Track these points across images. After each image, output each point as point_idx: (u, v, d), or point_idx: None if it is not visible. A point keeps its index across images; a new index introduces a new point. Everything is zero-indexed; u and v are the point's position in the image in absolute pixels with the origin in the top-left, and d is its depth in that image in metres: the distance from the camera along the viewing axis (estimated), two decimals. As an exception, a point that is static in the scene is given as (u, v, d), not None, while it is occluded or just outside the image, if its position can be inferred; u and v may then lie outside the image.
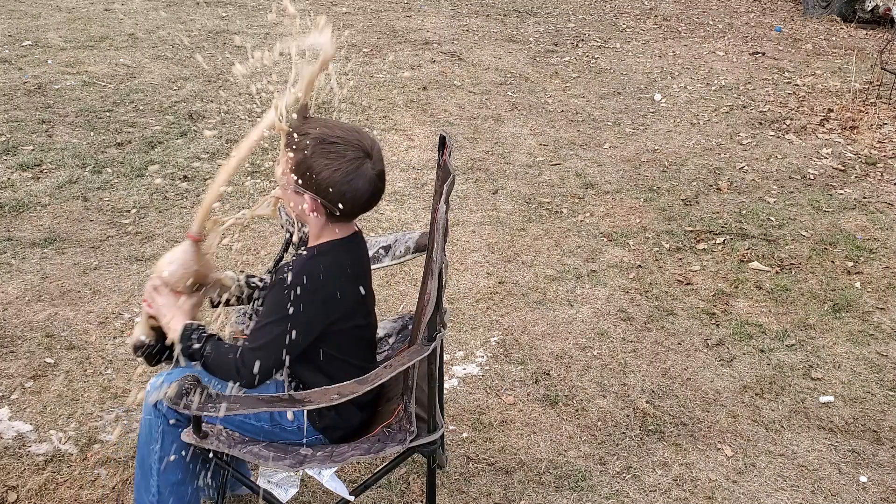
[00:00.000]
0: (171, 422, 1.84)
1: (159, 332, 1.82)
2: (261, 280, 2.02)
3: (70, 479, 2.33)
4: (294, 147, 1.69)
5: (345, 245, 1.79)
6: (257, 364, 1.67)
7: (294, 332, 1.68)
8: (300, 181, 1.69)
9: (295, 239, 2.06)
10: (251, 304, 2.04)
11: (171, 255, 1.79)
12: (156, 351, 1.83)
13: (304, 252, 1.81)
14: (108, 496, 2.28)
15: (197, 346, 1.72)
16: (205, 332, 1.75)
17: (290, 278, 1.68)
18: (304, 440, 1.88)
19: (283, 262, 1.99)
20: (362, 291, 1.81)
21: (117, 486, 2.32)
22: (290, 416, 1.87)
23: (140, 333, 1.85)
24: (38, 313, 3.13)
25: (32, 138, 4.79)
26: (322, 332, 1.76)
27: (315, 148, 1.67)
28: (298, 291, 1.66)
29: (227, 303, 1.99)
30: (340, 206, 1.70)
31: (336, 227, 1.78)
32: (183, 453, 1.87)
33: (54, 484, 2.32)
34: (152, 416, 1.86)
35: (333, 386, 1.70)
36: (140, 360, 1.89)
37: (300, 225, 1.95)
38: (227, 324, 2.12)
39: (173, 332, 1.75)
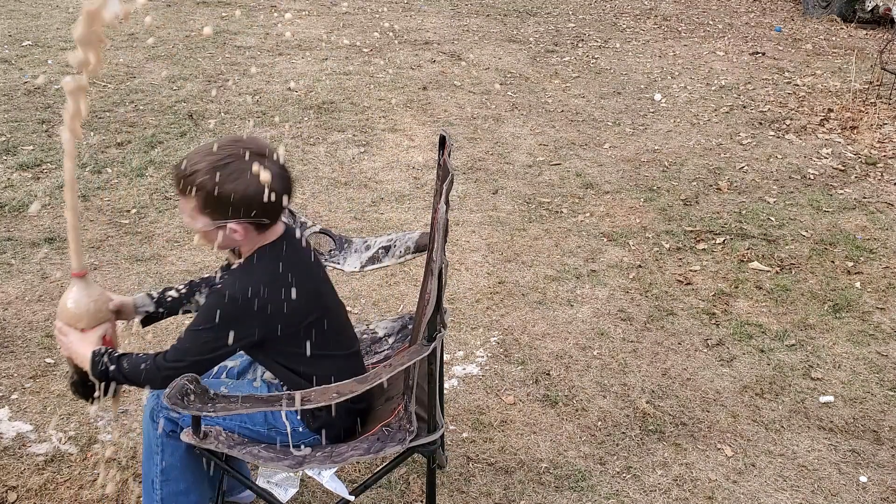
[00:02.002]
0: (169, 433, 1.86)
1: (83, 371, 1.83)
2: (177, 291, 1.99)
3: (70, 479, 2.33)
4: (190, 190, 1.63)
5: (277, 250, 1.75)
6: (172, 367, 1.68)
7: (222, 340, 1.67)
8: (215, 216, 1.65)
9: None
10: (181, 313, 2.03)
11: (64, 298, 1.81)
12: (88, 388, 1.84)
13: (238, 264, 1.78)
14: (107, 496, 2.28)
15: (112, 367, 1.73)
16: (114, 353, 1.76)
17: (223, 289, 1.68)
18: (301, 441, 1.88)
19: (219, 275, 1.97)
20: (306, 287, 1.75)
21: (117, 486, 2.32)
22: (284, 418, 1.86)
23: (70, 375, 1.89)
24: (38, 313, 3.13)
25: (32, 138, 4.79)
26: (274, 336, 1.73)
27: (212, 178, 1.60)
28: (230, 301, 1.65)
29: (160, 316, 1.99)
30: (266, 217, 1.67)
31: (264, 235, 1.74)
32: (184, 463, 1.89)
33: (54, 484, 2.32)
34: (151, 429, 1.89)
35: (332, 385, 1.70)
36: (81, 400, 1.92)
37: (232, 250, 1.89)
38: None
39: (85, 363, 1.76)
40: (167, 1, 8.72)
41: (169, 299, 1.99)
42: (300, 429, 1.87)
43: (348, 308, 3.26)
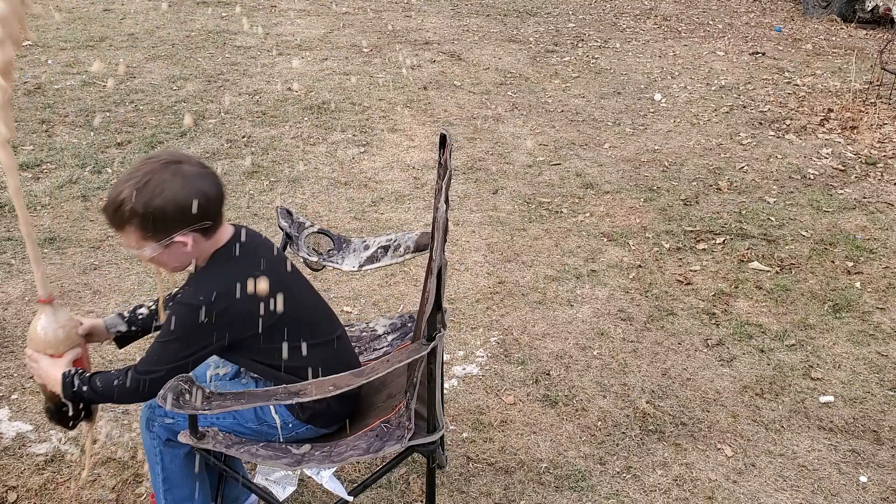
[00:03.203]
0: (166, 441, 1.87)
1: (57, 396, 1.84)
2: (147, 308, 1.98)
3: (70, 479, 2.33)
4: (123, 220, 1.61)
5: (230, 252, 1.73)
6: (144, 380, 1.68)
7: (190, 349, 1.67)
8: (159, 236, 1.63)
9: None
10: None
11: (33, 325, 1.80)
12: (63, 413, 1.84)
13: (194, 273, 1.77)
14: (108, 496, 2.28)
15: (84, 387, 1.73)
16: (85, 373, 1.75)
17: (182, 299, 1.68)
18: (293, 432, 1.88)
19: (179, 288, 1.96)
20: (264, 285, 1.72)
21: (117, 486, 2.32)
22: (273, 412, 1.86)
23: (44, 402, 1.89)
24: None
25: (32, 138, 4.79)
26: (244, 336, 1.72)
27: (141, 199, 1.58)
28: (191, 311, 1.65)
29: (134, 335, 1.99)
30: (206, 219, 1.65)
31: (214, 239, 1.72)
32: (184, 470, 1.89)
33: (54, 484, 2.32)
34: (148, 439, 1.89)
35: (329, 378, 1.70)
36: (58, 427, 1.92)
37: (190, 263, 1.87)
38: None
39: (56, 387, 1.75)
40: (167, 1, 8.72)
41: (140, 317, 1.97)
42: (290, 422, 1.87)
43: (348, 308, 3.27)
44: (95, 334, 1.92)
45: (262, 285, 1.64)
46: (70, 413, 1.80)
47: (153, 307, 1.99)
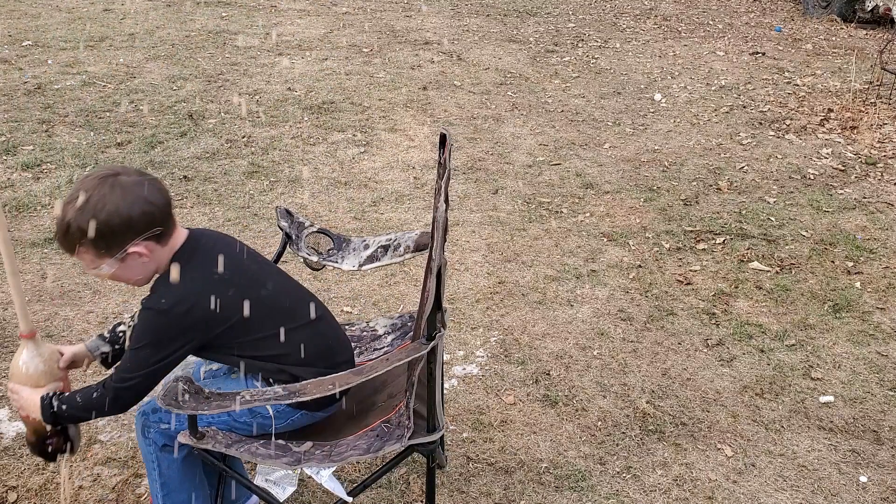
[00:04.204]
0: (163, 446, 1.87)
1: (42, 429, 1.85)
2: (126, 325, 1.98)
3: (70, 479, 2.33)
4: (74, 242, 1.62)
5: (187, 254, 1.73)
6: (121, 388, 1.68)
7: (162, 353, 1.67)
8: (112, 251, 1.64)
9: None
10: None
11: (15, 360, 1.83)
12: (45, 447, 1.86)
13: (155, 279, 1.76)
14: (108, 496, 2.28)
15: (63, 406, 1.74)
16: (63, 394, 1.77)
17: (146, 304, 1.68)
18: (287, 419, 1.88)
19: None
20: (230, 276, 1.73)
21: (117, 486, 2.31)
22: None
23: (26, 436, 1.91)
24: (38, 313, 3.13)
25: (32, 138, 4.79)
26: (216, 333, 1.72)
27: (84, 218, 1.58)
28: (156, 315, 1.66)
29: (119, 353, 1.98)
30: (155, 225, 1.65)
31: (170, 244, 1.72)
32: (181, 474, 1.89)
33: (54, 484, 2.32)
34: (144, 445, 1.90)
35: (329, 376, 1.70)
36: (41, 459, 1.96)
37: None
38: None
39: (37, 412, 1.77)
40: (167, 1, 8.72)
41: (121, 334, 1.97)
42: (283, 410, 1.87)
43: (348, 308, 3.27)
44: (77, 361, 1.93)
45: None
46: (51, 447, 1.85)
47: (131, 323, 1.97)
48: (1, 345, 2.93)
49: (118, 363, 1.74)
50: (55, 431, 1.87)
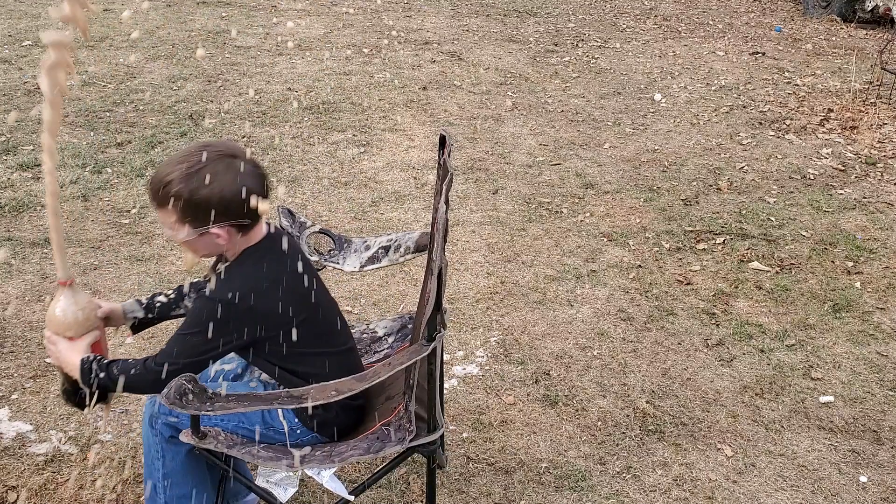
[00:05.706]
0: (169, 438, 1.86)
1: (74, 379, 1.83)
2: (166, 296, 1.99)
3: (70, 479, 2.33)
4: (167, 200, 1.62)
5: (262, 251, 1.74)
6: (161, 372, 1.68)
7: (210, 343, 1.67)
8: (196, 223, 1.64)
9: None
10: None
11: (52, 307, 1.79)
12: (79, 396, 1.83)
13: (223, 268, 1.77)
14: (108, 496, 2.28)
15: (102, 374, 1.72)
16: (104, 360, 1.75)
17: (209, 293, 1.67)
18: (299, 440, 1.88)
19: (205, 278, 1.96)
20: (293, 286, 1.74)
21: (117, 486, 2.32)
22: (281, 417, 1.86)
23: (61, 384, 1.89)
24: (38, 313, 3.13)
25: (32, 138, 4.79)
26: (264, 337, 1.73)
27: (187, 185, 1.59)
28: (217, 305, 1.65)
29: (150, 322, 1.99)
30: (245, 216, 1.66)
31: (248, 237, 1.73)
32: (185, 468, 1.89)
33: (54, 484, 2.32)
34: (150, 435, 1.89)
35: (331, 382, 1.70)
36: (74, 408, 1.92)
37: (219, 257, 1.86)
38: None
39: (74, 372, 1.75)
40: (167, 1, 8.72)
41: (158, 304, 1.98)
42: (297, 429, 1.87)
43: (348, 308, 3.27)
44: (113, 318, 1.92)
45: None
46: (86, 397, 1.79)
47: (172, 296, 1.99)
48: (1, 345, 2.93)
49: (164, 346, 1.72)
50: None
